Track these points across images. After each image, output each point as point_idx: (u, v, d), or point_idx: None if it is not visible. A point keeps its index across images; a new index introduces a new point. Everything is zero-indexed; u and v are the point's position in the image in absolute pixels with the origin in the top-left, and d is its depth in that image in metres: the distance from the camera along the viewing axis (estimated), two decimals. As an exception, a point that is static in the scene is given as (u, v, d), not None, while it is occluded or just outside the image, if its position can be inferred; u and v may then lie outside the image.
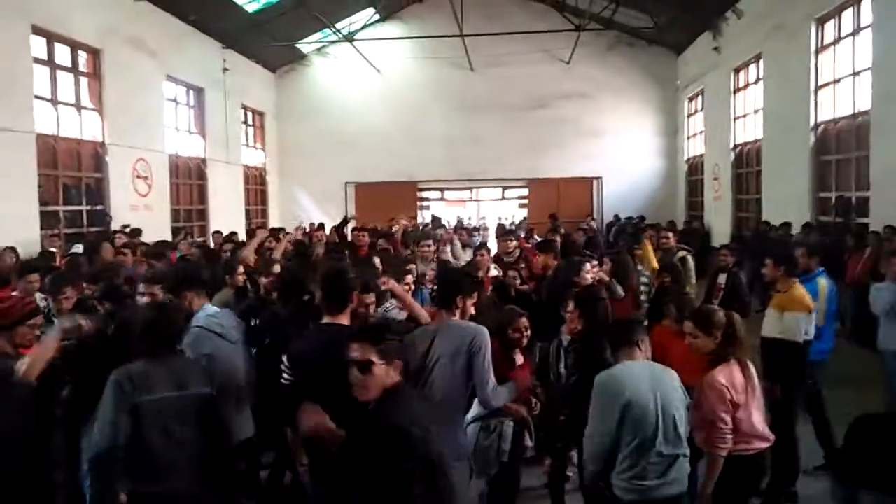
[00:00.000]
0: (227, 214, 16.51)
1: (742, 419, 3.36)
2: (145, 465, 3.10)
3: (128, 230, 11.31)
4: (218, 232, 12.90)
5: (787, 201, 13.06)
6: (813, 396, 5.06)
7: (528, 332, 4.05)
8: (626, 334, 3.40)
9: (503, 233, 10.40)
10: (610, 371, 3.28)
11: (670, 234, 8.23)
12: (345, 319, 3.46)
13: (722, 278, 6.65)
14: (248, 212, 18.58)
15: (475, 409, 3.83)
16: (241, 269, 5.82)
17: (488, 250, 7.82)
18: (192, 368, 3.39)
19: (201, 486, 3.25)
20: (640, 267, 6.86)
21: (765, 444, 3.46)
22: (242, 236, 14.84)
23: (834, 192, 11.97)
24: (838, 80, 11.79)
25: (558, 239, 8.31)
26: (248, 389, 4.19)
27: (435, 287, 5.65)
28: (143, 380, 3.10)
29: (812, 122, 12.38)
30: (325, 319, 3.51)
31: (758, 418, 3.45)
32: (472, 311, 3.76)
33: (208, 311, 4.17)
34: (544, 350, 4.42)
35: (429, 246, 7.40)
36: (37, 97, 10.57)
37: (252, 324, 4.57)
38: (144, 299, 4.44)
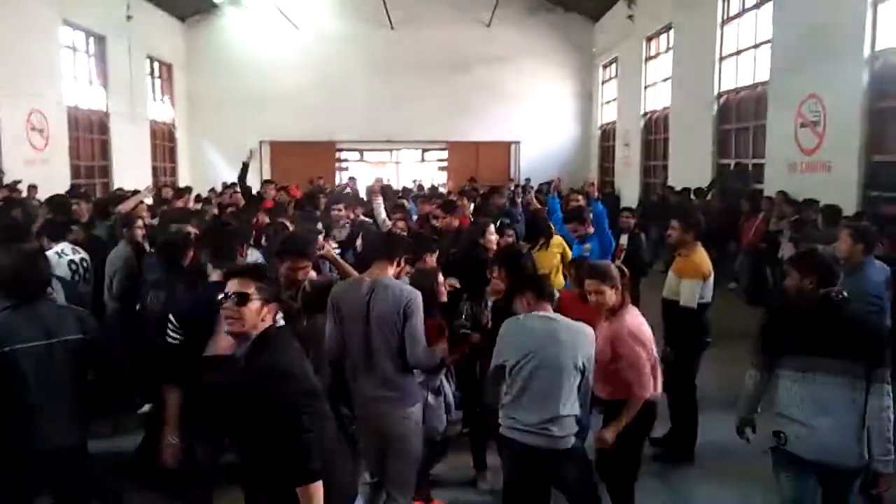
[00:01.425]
0: (132, 172, 15.73)
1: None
2: (19, 419, 2.97)
3: (21, 186, 10.64)
4: (120, 189, 12.32)
5: (691, 168, 13.67)
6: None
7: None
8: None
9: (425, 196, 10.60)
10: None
11: (580, 197, 8.48)
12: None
13: (623, 239, 6.96)
14: (154, 169, 17.77)
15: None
16: (139, 223, 5.64)
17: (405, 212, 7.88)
18: (62, 315, 3.20)
19: (78, 439, 3.18)
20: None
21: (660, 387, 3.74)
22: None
23: (733, 158, 12.62)
24: (740, 52, 12.33)
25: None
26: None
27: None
28: (9, 330, 2.95)
29: (716, 92, 12.94)
30: (213, 278, 3.53)
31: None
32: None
33: None
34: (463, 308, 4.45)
35: (340, 209, 7.26)
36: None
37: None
38: None
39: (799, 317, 3.20)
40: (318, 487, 2.37)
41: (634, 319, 3.68)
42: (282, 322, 2.85)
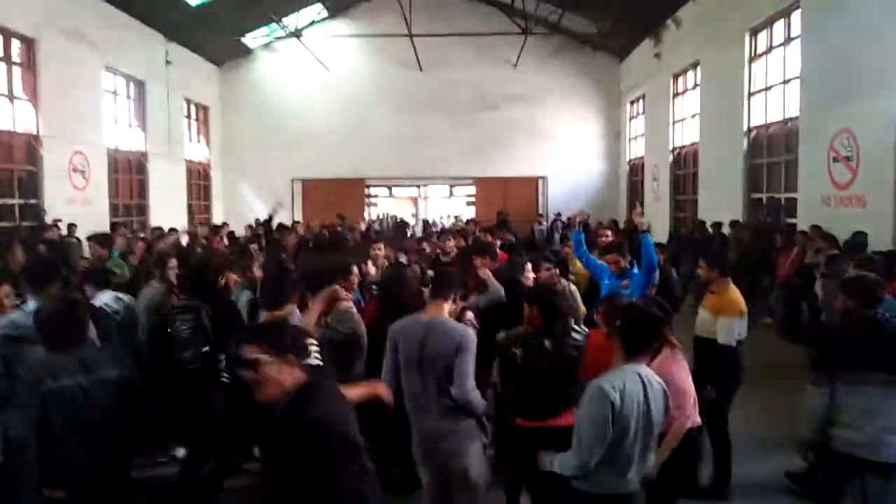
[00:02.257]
0: (168, 210, 16.14)
1: None
2: (59, 454, 3.09)
3: (60, 224, 10.99)
4: (158, 228, 12.63)
5: (722, 202, 13.59)
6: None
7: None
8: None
9: (441, 232, 10.35)
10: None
11: (608, 232, 8.44)
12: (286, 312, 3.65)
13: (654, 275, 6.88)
14: (190, 207, 18.20)
15: None
16: (172, 263, 5.76)
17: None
18: (100, 353, 3.41)
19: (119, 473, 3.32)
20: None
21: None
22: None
23: (765, 193, 12.52)
24: (770, 88, 12.34)
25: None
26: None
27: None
28: (49, 369, 3.12)
29: (745, 127, 12.92)
30: (264, 317, 3.69)
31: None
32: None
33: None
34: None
35: (380, 249, 7.28)
36: (-33, 87, 10.20)
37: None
38: None
39: (848, 336, 3.62)
40: None
41: (677, 354, 3.71)
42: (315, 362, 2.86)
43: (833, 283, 4.84)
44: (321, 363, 3.41)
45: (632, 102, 20.24)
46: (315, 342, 3.63)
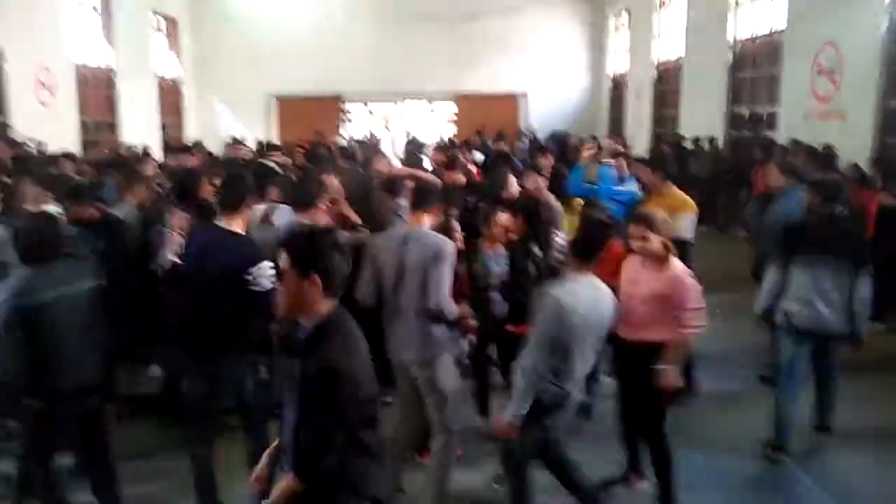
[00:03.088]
0: (140, 128, 15.71)
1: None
2: (49, 364, 3.19)
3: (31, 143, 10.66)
4: (132, 147, 12.31)
5: (703, 117, 13.53)
6: None
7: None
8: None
9: (440, 146, 10.58)
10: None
11: (590, 145, 8.55)
12: (238, 225, 3.60)
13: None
14: (163, 125, 17.71)
15: None
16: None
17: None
18: (77, 267, 3.46)
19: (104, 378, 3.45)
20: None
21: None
22: (158, 150, 14.32)
23: (747, 107, 12.48)
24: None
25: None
26: None
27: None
28: (33, 285, 3.16)
29: (731, 40, 12.72)
30: (219, 221, 3.66)
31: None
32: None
33: None
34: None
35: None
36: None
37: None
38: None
39: (809, 225, 4.37)
40: (295, 486, 2.20)
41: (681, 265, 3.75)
42: None
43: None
44: None
45: (616, 14, 19.72)
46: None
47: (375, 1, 19.24)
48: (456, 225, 4.26)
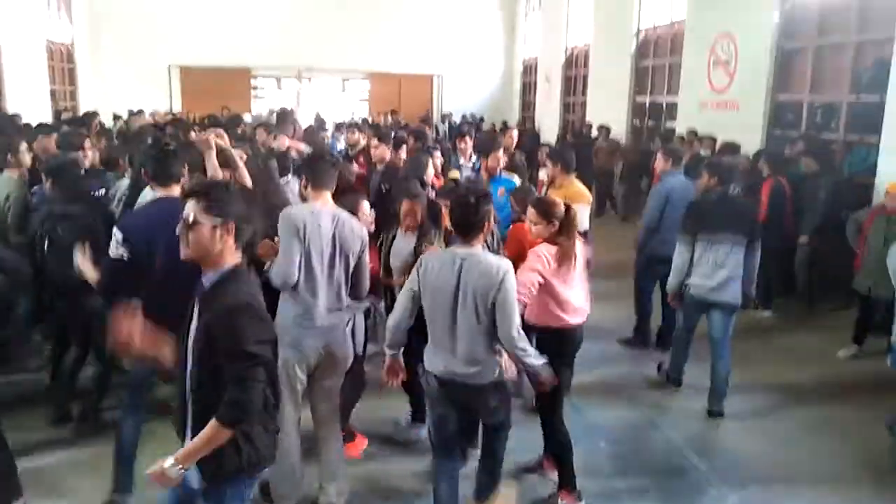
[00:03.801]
0: (27, 95, 14.60)
1: (560, 295, 3.64)
2: None
3: None
4: (16, 115, 11.44)
5: (608, 105, 13.92)
6: None
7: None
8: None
9: (350, 125, 10.34)
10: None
11: (513, 133, 8.75)
12: (175, 192, 3.48)
13: (542, 174, 7.11)
14: (53, 93, 16.53)
15: None
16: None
17: None
18: None
19: None
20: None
21: (580, 320, 3.76)
22: (48, 119, 13.37)
23: (649, 96, 12.91)
24: (660, -11, 12.48)
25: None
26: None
27: None
28: None
29: (635, 28, 13.09)
30: (158, 193, 3.56)
31: (577, 297, 3.71)
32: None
33: None
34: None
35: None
36: None
37: None
38: None
39: (708, 205, 4.92)
40: (224, 434, 2.21)
41: (548, 250, 3.68)
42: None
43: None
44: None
45: (528, -1, 19.94)
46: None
47: (285, -29, 18.59)
48: (366, 206, 4.18)
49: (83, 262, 3.34)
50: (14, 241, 4.85)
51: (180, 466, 2.20)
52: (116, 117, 12.71)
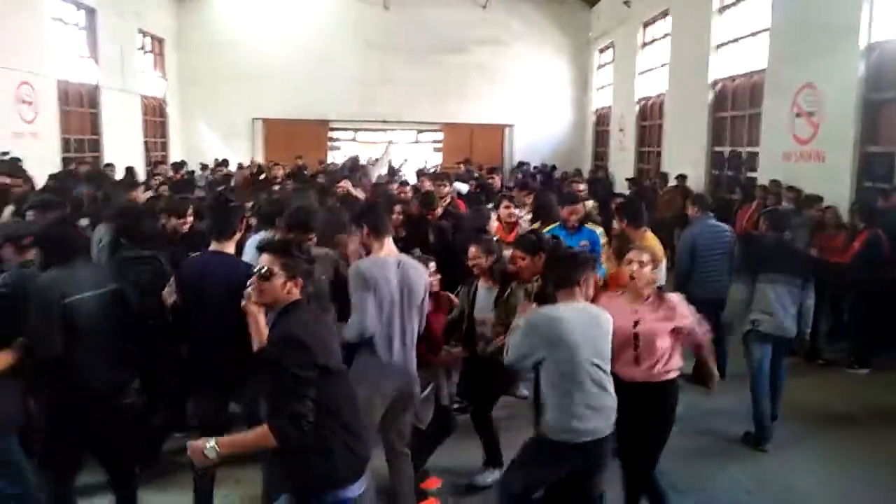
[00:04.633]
0: (123, 146, 15.57)
1: None
2: (73, 363, 3.27)
3: (6, 158, 10.51)
4: (110, 165, 12.19)
5: (685, 155, 13.68)
6: None
7: (437, 277, 4.22)
8: (567, 273, 3.40)
9: (435, 176, 10.08)
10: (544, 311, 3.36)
11: (581, 186, 8.47)
12: (230, 248, 3.76)
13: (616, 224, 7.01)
14: (146, 144, 17.58)
15: None
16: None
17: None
18: (97, 270, 3.81)
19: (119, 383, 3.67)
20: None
21: None
22: (141, 170, 14.17)
23: (728, 146, 12.63)
24: (738, 40, 12.30)
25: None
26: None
27: None
28: (66, 283, 3.32)
29: (711, 79, 12.92)
30: (212, 247, 3.76)
31: None
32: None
33: None
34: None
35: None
36: None
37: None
38: None
39: (765, 249, 5.47)
40: (268, 439, 2.44)
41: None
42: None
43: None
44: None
45: (600, 51, 20.04)
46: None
47: (363, 28, 19.38)
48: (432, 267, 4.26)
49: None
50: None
51: (218, 450, 2.45)
52: (204, 167, 13.34)
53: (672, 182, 12.86)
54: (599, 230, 5.79)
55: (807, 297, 5.13)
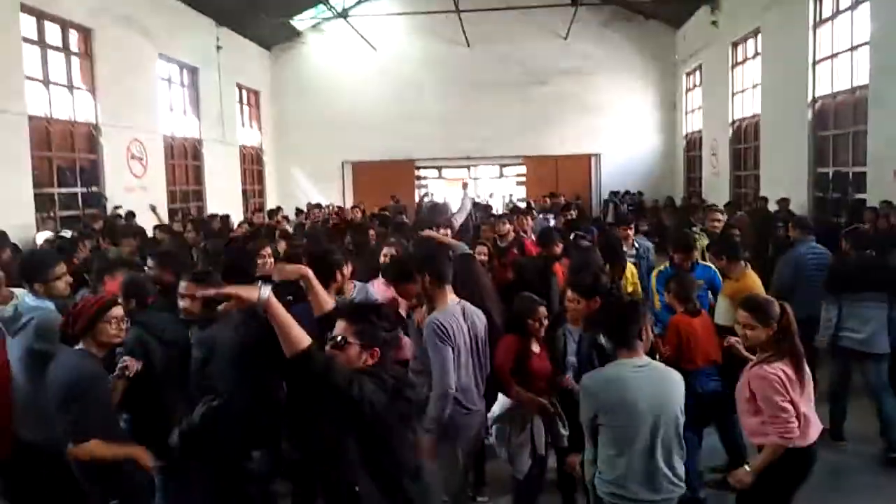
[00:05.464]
0: (223, 195, 16.45)
1: (800, 409, 3.20)
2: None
3: (121, 212, 11.30)
4: (213, 215, 12.85)
5: (785, 177, 13.02)
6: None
7: (547, 320, 4.01)
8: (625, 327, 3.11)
9: (498, 215, 9.74)
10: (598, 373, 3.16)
11: (719, 215, 7.52)
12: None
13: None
14: (244, 192, 18.51)
15: (499, 407, 3.93)
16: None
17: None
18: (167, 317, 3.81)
19: None
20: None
21: (816, 434, 3.29)
22: (239, 216, 14.86)
23: (832, 167, 11.92)
24: (836, 55, 11.68)
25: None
26: None
27: None
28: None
29: (810, 97, 12.29)
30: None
31: (812, 409, 3.31)
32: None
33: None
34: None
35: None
36: (28, 78, 10.45)
37: None
38: None
39: (848, 269, 5.42)
40: None
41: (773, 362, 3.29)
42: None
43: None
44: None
45: (688, 73, 19.52)
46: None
47: (446, 68, 19.77)
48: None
49: None
50: None
51: None
52: (299, 212, 13.86)
53: (773, 206, 12.25)
54: (713, 266, 5.52)
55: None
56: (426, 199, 16.99)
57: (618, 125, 20.05)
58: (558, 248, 6.04)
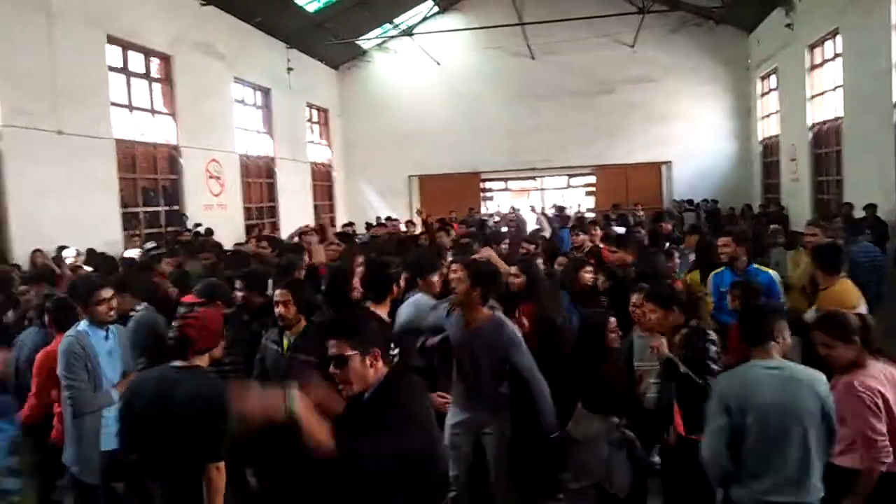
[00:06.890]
0: (296, 211, 16.91)
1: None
2: None
3: (201, 229, 11.75)
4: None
5: (871, 182, 12.38)
6: None
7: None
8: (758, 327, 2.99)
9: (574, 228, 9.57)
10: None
11: (818, 231, 6.28)
12: (383, 310, 3.77)
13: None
14: (316, 207, 18.96)
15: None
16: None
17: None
18: None
19: None
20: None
21: None
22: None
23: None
24: (925, 52, 11.07)
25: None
26: None
27: None
28: None
29: (895, 99, 11.67)
30: (368, 305, 3.83)
31: None
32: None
33: None
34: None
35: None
36: (113, 104, 11.07)
37: None
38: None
39: None
40: None
41: (867, 380, 3.09)
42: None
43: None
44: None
45: (762, 78, 18.87)
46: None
47: (511, 80, 19.78)
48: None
49: None
50: None
51: None
52: (369, 226, 14.08)
53: (860, 213, 11.68)
54: (773, 272, 5.20)
55: None
56: (510, 215, 16.90)
57: (688, 132, 19.54)
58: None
